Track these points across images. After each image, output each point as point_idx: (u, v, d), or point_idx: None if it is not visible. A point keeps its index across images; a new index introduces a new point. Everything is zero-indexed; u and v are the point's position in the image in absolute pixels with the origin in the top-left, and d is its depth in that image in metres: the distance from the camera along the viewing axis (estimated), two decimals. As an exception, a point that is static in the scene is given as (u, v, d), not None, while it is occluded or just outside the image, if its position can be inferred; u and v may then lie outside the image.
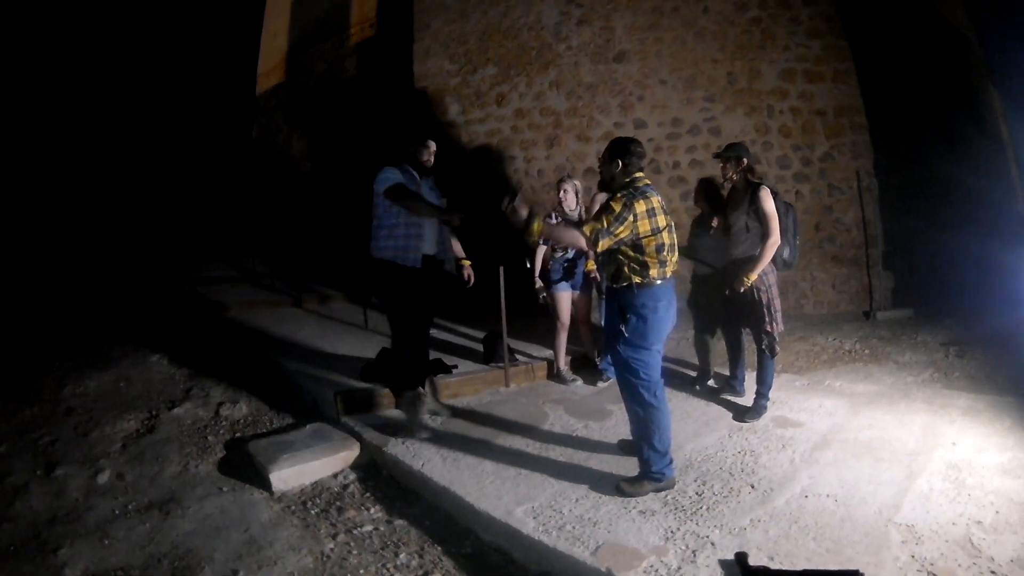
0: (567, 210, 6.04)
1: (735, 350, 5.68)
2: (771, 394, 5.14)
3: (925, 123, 9.08)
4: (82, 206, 14.72)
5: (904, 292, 8.41)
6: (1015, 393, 5.27)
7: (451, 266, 5.34)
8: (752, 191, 5.06)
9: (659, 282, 3.87)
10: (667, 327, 4.00)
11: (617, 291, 4.02)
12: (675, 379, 6.06)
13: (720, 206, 5.52)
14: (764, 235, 4.98)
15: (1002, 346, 6.49)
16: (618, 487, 3.91)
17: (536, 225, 3.79)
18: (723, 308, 5.50)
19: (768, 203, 4.95)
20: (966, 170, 9.39)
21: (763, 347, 5.14)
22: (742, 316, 5.30)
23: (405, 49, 10.75)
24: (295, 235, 13.61)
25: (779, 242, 4.97)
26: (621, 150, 3.99)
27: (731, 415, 5.18)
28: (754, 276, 4.97)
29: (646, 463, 3.90)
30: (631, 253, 3.87)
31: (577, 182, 6.17)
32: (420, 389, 5.20)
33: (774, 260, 5.05)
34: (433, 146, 5.15)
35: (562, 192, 6.07)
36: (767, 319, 5.05)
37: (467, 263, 5.48)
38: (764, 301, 5.03)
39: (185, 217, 15.27)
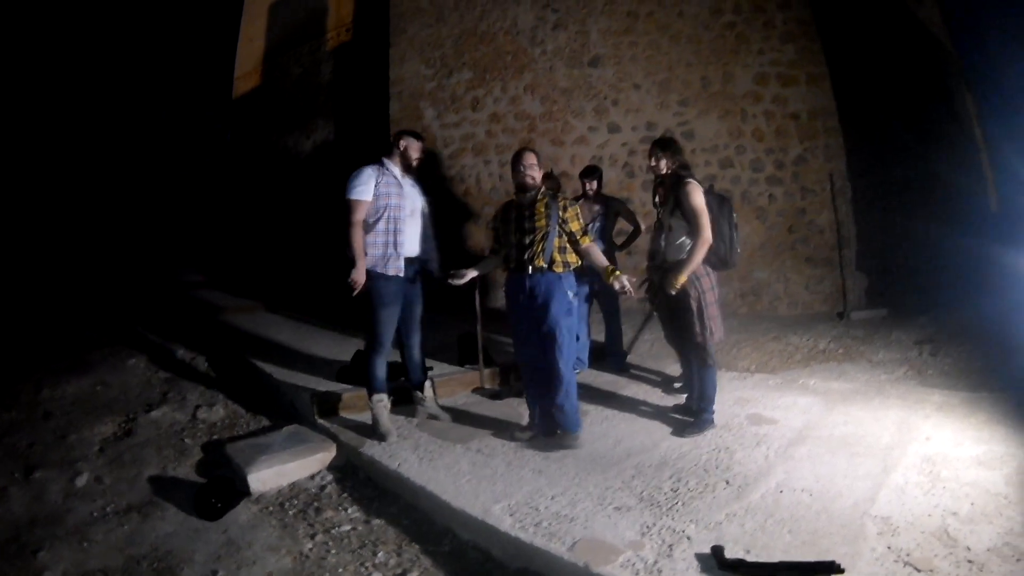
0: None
1: (682, 358, 5.41)
2: (746, 393, 5.09)
3: (900, 125, 9.19)
4: (52, 210, 14.58)
5: (878, 292, 8.48)
6: (989, 389, 5.34)
7: (435, 266, 5.20)
8: (676, 186, 4.73)
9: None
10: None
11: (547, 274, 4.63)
12: (644, 383, 6.14)
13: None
14: (693, 233, 4.66)
15: (975, 344, 6.57)
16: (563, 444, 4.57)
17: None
18: (659, 313, 5.36)
19: (696, 198, 4.61)
20: (941, 170, 9.52)
21: (693, 357, 4.90)
22: (674, 322, 5.01)
23: (381, 53, 10.73)
24: (270, 239, 13.55)
25: (710, 240, 4.61)
26: None
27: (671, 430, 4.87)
28: (683, 278, 4.61)
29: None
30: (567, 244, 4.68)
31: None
32: (418, 393, 5.23)
33: (709, 260, 4.72)
34: (421, 143, 5.07)
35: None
36: (698, 327, 4.71)
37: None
38: (695, 307, 4.69)
39: (158, 221, 15.16)
